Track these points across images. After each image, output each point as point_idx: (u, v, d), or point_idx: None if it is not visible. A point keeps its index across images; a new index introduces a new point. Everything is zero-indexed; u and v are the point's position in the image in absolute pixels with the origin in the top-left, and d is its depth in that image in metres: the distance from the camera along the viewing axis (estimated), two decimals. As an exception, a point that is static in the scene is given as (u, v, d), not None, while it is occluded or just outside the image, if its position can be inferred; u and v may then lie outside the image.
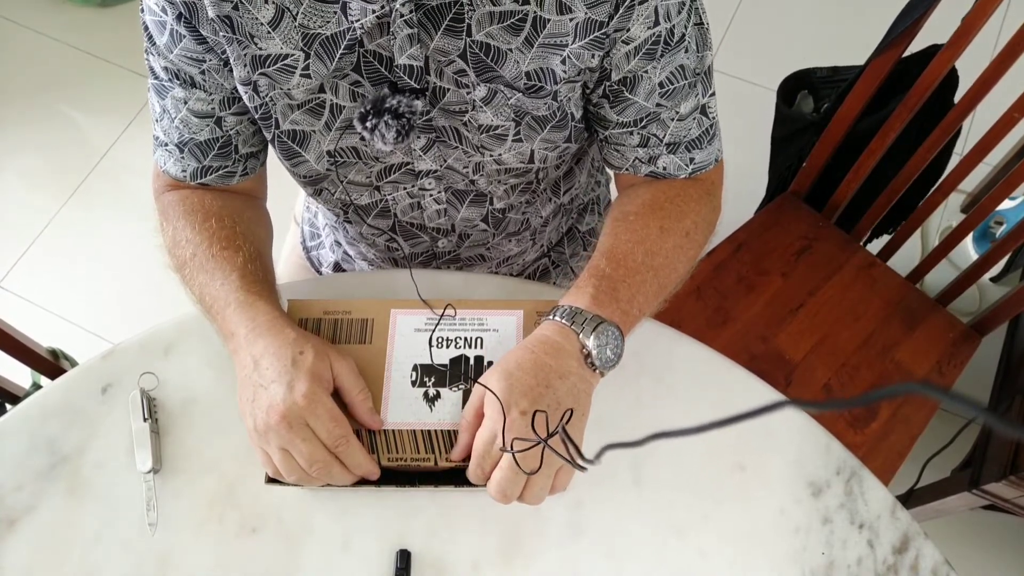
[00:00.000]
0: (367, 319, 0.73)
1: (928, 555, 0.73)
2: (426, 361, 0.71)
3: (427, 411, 0.69)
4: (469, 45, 0.65)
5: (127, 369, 0.79)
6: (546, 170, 0.80)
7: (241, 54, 0.67)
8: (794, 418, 0.78)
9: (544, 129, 0.72)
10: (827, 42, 1.99)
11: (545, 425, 0.62)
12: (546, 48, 0.66)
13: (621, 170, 0.78)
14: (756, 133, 1.49)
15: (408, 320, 0.73)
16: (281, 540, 0.72)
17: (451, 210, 0.83)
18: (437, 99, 0.69)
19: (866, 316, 1.17)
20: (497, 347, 0.71)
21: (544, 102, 0.69)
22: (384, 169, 0.77)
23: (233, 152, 0.77)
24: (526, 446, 0.61)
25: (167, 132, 0.75)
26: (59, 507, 0.74)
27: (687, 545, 0.73)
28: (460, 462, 0.67)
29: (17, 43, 2.04)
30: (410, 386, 0.70)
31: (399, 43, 0.64)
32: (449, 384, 0.70)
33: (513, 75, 0.67)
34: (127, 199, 1.84)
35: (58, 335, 1.67)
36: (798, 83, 1.34)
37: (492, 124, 0.71)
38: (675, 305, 1.17)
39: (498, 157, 0.75)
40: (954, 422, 1.21)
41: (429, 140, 0.73)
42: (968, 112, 1.00)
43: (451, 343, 0.72)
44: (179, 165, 0.77)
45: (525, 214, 0.88)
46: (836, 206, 1.22)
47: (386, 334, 0.72)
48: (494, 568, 0.72)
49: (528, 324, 0.72)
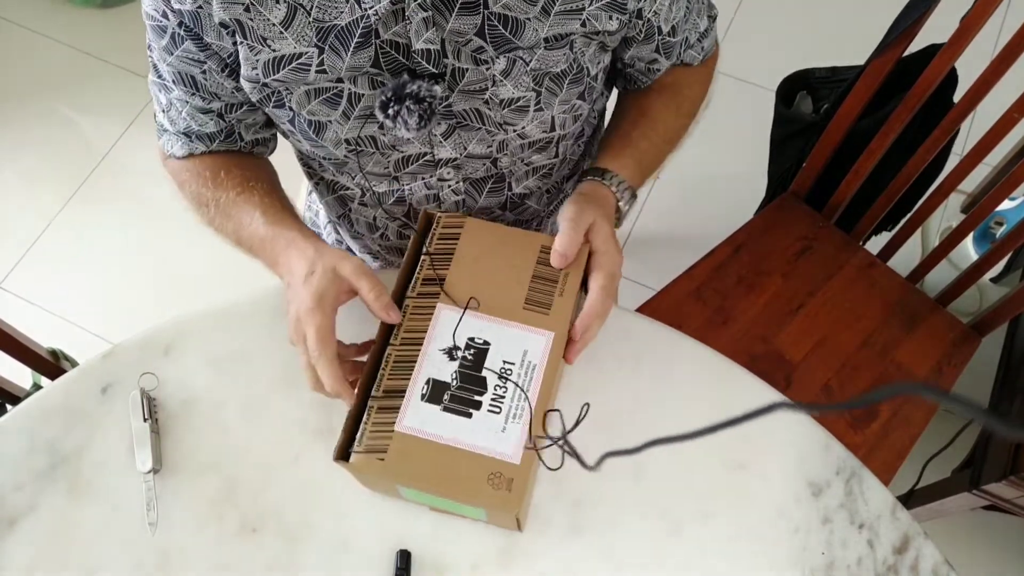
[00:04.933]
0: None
1: (928, 555, 0.73)
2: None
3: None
4: (487, 18, 0.65)
5: (127, 369, 0.79)
6: (565, 141, 0.82)
7: (252, 58, 0.67)
8: (794, 418, 0.78)
9: (562, 88, 0.73)
10: (827, 42, 1.98)
11: (561, 425, 0.66)
12: (563, 15, 0.67)
13: (648, 82, 0.86)
14: (756, 133, 1.49)
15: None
16: (281, 540, 0.72)
17: (469, 200, 0.85)
18: (456, 81, 0.69)
19: (866, 316, 1.17)
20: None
21: (563, 53, 0.70)
22: (402, 159, 0.78)
23: (239, 139, 0.80)
24: (543, 445, 0.66)
25: (173, 122, 0.78)
26: (59, 507, 0.74)
27: (687, 544, 0.73)
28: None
29: (17, 44, 2.04)
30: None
31: (415, 28, 0.64)
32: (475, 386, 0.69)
33: (532, 43, 0.68)
34: (127, 200, 1.84)
35: (58, 335, 1.67)
36: (797, 84, 1.34)
37: (513, 97, 0.72)
38: (675, 305, 1.17)
39: (521, 131, 0.76)
40: (954, 422, 1.21)
41: (449, 126, 0.74)
42: (968, 112, 1.00)
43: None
44: (186, 148, 0.79)
45: (541, 203, 0.90)
46: (836, 206, 1.22)
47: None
48: (494, 568, 0.72)
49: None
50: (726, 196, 1.44)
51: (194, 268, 1.75)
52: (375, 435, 0.66)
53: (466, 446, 0.66)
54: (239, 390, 0.79)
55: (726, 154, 1.76)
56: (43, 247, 1.79)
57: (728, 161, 1.71)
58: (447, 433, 0.66)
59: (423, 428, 0.67)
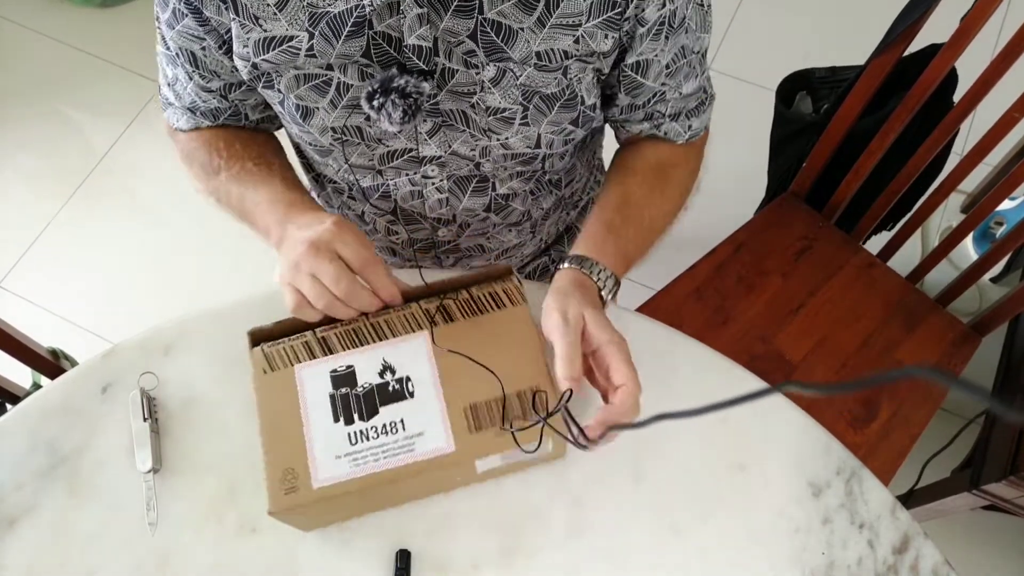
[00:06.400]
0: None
1: (928, 555, 0.73)
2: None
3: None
4: (480, 23, 0.65)
5: (127, 369, 0.79)
6: (552, 159, 0.82)
7: (243, 36, 0.68)
8: (794, 418, 0.78)
9: (552, 111, 0.73)
10: (827, 42, 1.99)
11: (545, 405, 0.66)
12: (558, 29, 0.66)
13: (624, 137, 0.85)
14: (756, 133, 1.48)
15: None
16: (281, 540, 0.72)
17: (453, 200, 0.84)
18: (445, 81, 0.69)
19: (866, 316, 1.17)
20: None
21: (554, 77, 0.70)
22: (387, 154, 0.78)
23: (244, 119, 0.81)
24: (526, 425, 0.66)
25: (179, 96, 0.79)
26: (59, 507, 0.74)
27: (687, 545, 0.73)
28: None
29: (17, 43, 2.04)
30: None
31: (408, 22, 0.64)
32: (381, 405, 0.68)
33: (523, 55, 0.68)
34: (128, 199, 1.84)
35: (58, 335, 1.67)
36: (796, 84, 1.34)
37: (500, 107, 0.71)
38: (675, 305, 1.17)
39: (505, 141, 0.75)
40: (954, 422, 1.21)
41: (435, 124, 0.73)
42: (968, 112, 1.00)
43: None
44: (192, 123, 0.80)
45: (527, 204, 0.89)
46: (836, 206, 1.22)
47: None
48: (494, 568, 0.72)
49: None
50: (726, 196, 1.44)
51: (195, 267, 1.75)
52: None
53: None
54: (239, 390, 0.78)
55: (726, 154, 1.76)
56: (43, 246, 1.79)
57: (728, 161, 1.71)
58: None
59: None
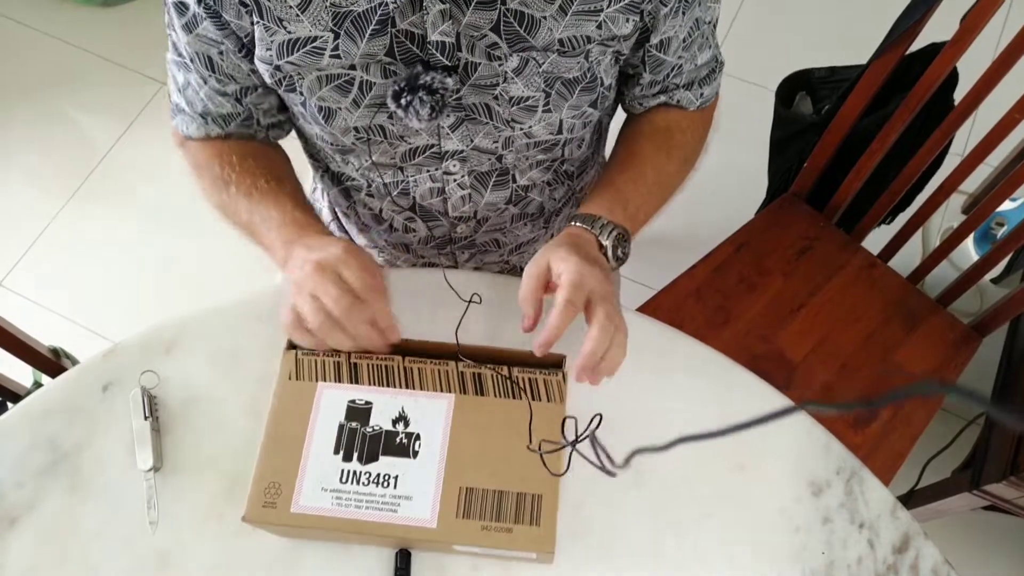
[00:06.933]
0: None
1: (928, 555, 0.73)
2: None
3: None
4: (503, 14, 0.66)
5: (128, 367, 0.79)
6: (571, 145, 0.83)
7: (267, 39, 0.68)
8: (794, 418, 0.78)
9: (573, 94, 0.74)
10: (827, 42, 1.99)
11: (575, 430, 0.66)
12: (580, 16, 0.67)
13: (636, 113, 0.85)
14: (757, 133, 1.48)
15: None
16: (281, 540, 0.72)
17: (475, 195, 0.85)
18: (468, 75, 0.70)
19: (867, 317, 1.17)
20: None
21: (576, 61, 0.70)
22: (409, 151, 0.78)
23: (255, 124, 0.81)
24: (553, 448, 0.66)
25: (191, 103, 0.78)
26: (60, 505, 0.74)
27: (687, 545, 0.73)
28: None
29: (18, 42, 2.04)
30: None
31: (431, 19, 0.65)
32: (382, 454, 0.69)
33: (546, 43, 0.68)
34: (129, 198, 1.84)
35: (59, 334, 1.67)
36: (796, 84, 1.34)
37: (523, 95, 0.72)
38: (676, 305, 1.17)
39: (528, 130, 0.76)
40: (955, 423, 1.21)
41: (458, 119, 0.74)
42: (970, 112, 1.00)
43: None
44: (202, 130, 0.80)
45: (543, 195, 0.90)
46: (837, 206, 1.22)
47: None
48: (494, 568, 0.72)
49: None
50: (727, 196, 1.44)
51: (195, 266, 1.75)
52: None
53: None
54: (240, 388, 0.79)
55: (726, 154, 1.76)
56: (44, 245, 1.79)
57: (729, 161, 1.71)
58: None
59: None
